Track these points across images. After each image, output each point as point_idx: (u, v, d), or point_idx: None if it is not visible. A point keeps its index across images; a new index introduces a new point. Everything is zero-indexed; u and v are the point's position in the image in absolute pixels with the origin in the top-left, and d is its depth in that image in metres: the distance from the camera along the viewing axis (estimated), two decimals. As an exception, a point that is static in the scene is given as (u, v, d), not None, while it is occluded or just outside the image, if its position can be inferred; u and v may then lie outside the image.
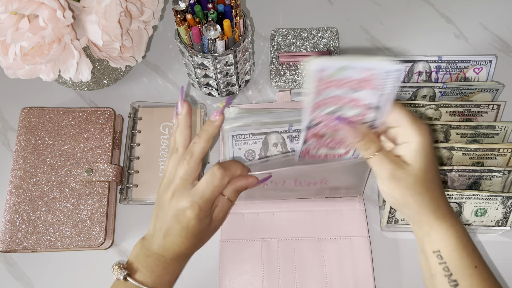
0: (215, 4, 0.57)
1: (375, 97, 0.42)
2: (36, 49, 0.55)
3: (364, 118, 0.45)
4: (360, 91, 0.42)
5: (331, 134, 0.47)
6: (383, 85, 0.41)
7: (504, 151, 0.59)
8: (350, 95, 0.43)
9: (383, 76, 0.40)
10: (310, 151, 0.50)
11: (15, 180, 0.63)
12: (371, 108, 0.43)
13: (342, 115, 0.45)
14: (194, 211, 0.47)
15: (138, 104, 0.69)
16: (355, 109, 0.44)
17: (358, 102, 0.43)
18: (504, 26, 0.75)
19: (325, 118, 0.45)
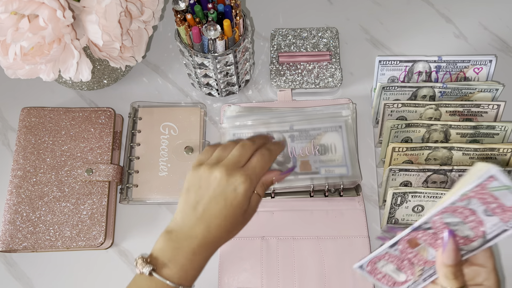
0: (215, 4, 0.57)
1: (495, 228, 0.42)
2: (36, 49, 0.55)
3: (468, 245, 0.43)
4: (491, 216, 0.42)
5: (421, 248, 0.45)
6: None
7: (504, 151, 0.60)
8: (480, 216, 0.42)
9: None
10: (376, 262, 0.47)
11: (15, 180, 0.63)
12: (483, 237, 0.43)
13: (455, 231, 0.43)
14: (245, 185, 0.49)
15: (138, 104, 0.69)
16: (470, 231, 0.43)
17: (479, 226, 0.42)
18: (504, 26, 0.75)
19: (439, 227, 0.43)
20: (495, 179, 0.39)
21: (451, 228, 0.43)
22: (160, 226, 0.65)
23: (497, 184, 0.39)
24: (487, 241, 0.43)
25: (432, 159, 0.61)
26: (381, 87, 0.63)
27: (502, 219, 0.41)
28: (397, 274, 0.47)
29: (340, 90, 0.71)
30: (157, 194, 0.65)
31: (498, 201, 0.40)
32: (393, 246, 0.45)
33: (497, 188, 0.40)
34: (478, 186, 0.40)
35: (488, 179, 0.39)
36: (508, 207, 0.40)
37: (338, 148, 0.64)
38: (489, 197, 0.40)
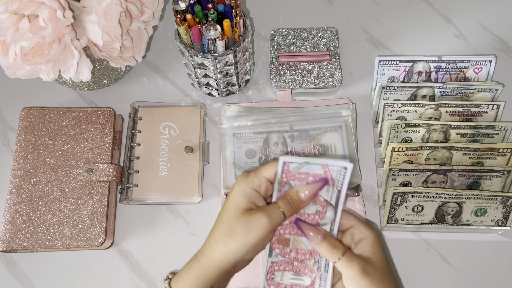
0: (215, 4, 0.57)
1: (331, 194, 0.46)
2: (36, 49, 0.55)
3: (324, 218, 0.46)
4: None
5: (294, 241, 0.47)
6: (336, 181, 0.45)
7: (504, 151, 0.60)
8: None
9: (336, 173, 0.45)
10: (274, 276, 0.48)
11: (15, 180, 0.63)
12: (329, 205, 0.46)
13: (304, 212, 0.47)
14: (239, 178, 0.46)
15: (138, 104, 0.69)
16: (315, 206, 0.47)
17: (317, 198, 0.47)
18: (504, 26, 0.75)
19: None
20: (290, 162, 0.46)
21: (296, 217, 0.47)
22: (160, 226, 0.65)
23: (295, 165, 0.46)
24: (335, 206, 0.46)
25: (432, 159, 0.61)
26: (381, 87, 0.63)
27: (328, 184, 0.46)
28: (301, 279, 0.48)
29: (340, 90, 0.71)
30: (157, 194, 0.65)
31: (310, 174, 0.46)
32: (270, 253, 0.48)
33: (298, 167, 0.46)
34: (282, 173, 0.46)
35: (285, 164, 0.46)
36: (322, 174, 0.46)
37: (338, 148, 0.64)
38: (300, 175, 0.46)
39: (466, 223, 0.60)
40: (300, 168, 0.46)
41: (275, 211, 0.45)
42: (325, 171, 0.46)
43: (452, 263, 0.62)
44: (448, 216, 0.60)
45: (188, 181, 0.65)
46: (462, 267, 0.62)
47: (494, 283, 0.61)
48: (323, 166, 0.45)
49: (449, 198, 0.58)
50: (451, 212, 0.59)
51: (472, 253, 0.63)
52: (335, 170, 0.45)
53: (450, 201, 0.58)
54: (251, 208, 0.45)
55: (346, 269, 0.45)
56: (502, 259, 0.62)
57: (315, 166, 0.46)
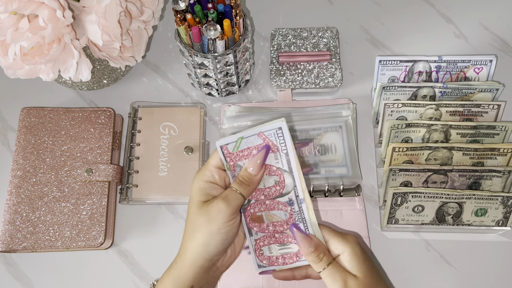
0: (215, 4, 0.57)
1: (280, 160, 0.46)
2: (36, 49, 0.55)
3: (285, 186, 0.47)
4: None
5: (268, 217, 0.48)
6: (279, 144, 0.45)
7: (504, 151, 0.59)
8: None
9: (274, 136, 0.45)
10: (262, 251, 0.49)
11: (15, 180, 0.63)
12: (284, 172, 0.46)
13: (264, 186, 0.47)
14: (194, 176, 0.46)
15: (138, 104, 0.69)
16: (273, 177, 0.47)
17: (270, 169, 0.47)
18: (504, 26, 0.75)
19: (253, 194, 0.48)
20: (226, 144, 0.46)
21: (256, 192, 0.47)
22: (160, 226, 0.65)
23: (232, 145, 0.46)
24: (290, 171, 0.46)
25: (432, 159, 0.61)
26: (381, 87, 0.63)
27: (273, 151, 0.46)
28: (288, 247, 0.49)
29: (340, 90, 0.71)
30: (157, 194, 0.64)
31: (251, 147, 0.46)
32: (250, 232, 0.49)
33: (236, 146, 0.46)
34: (225, 157, 0.46)
35: (223, 148, 0.46)
36: (262, 143, 0.46)
37: (338, 148, 0.64)
38: (242, 153, 0.46)
39: (466, 223, 0.60)
40: (238, 146, 0.46)
41: (231, 194, 0.46)
42: (263, 138, 0.45)
43: (452, 263, 0.62)
44: (448, 216, 0.59)
45: (188, 181, 0.65)
46: (462, 267, 0.62)
47: (494, 283, 0.61)
48: (259, 135, 0.45)
49: (450, 198, 0.58)
50: (452, 212, 0.59)
51: (472, 253, 0.63)
52: (272, 135, 0.45)
53: (451, 201, 0.58)
54: (208, 199, 0.46)
55: (330, 281, 0.45)
56: (502, 260, 0.62)
57: (252, 138, 0.46)
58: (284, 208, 0.47)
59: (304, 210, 0.47)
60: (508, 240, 0.63)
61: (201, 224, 0.45)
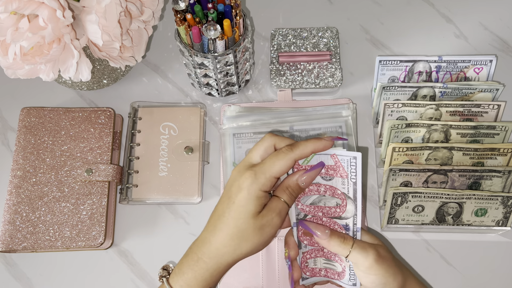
0: (215, 4, 0.57)
1: (347, 187, 0.46)
2: (36, 49, 0.55)
3: (345, 211, 0.47)
4: (332, 179, 0.47)
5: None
6: (349, 172, 0.45)
7: (504, 151, 0.59)
8: (325, 183, 0.47)
9: (347, 163, 0.45)
10: (307, 263, 0.50)
11: (15, 180, 0.63)
12: (348, 199, 0.46)
13: (324, 205, 0.48)
14: (248, 180, 0.43)
15: (138, 104, 0.69)
16: (336, 199, 0.47)
17: (334, 191, 0.47)
18: (504, 26, 0.75)
19: (311, 210, 0.48)
20: None
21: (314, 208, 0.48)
22: (160, 226, 0.65)
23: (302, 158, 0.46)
24: (354, 200, 0.46)
25: (432, 159, 0.61)
26: (381, 87, 0.63)
27: (342, 176, 0.46)
28: (333, 265, 0.49)
29: (340, 90, 0.71)
30: (157, 194, 0.64)
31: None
32: (300, 245, 0.49)
33: (307, 160, 0.46)
34: (294, 167, 0.46)
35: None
36: (333, 165, 0.45)
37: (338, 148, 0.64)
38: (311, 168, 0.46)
39: (466, 224, 0.60)
40: (309, 160, 0.46)
41: (283, 208, 0.45)
42: (335, 161, 0.45)
43: (452, 264, 0.62)
44: (448, 217, 0.59)
45: (188, 181, 0.65)
46: (462, 267, 0.62)
47: (494, 283, 0.61)
48: (333, 156, 0.45)
49: (450, 198, 0.58)
50: (452, 212, 0.59)
51: (472, 253, 0.63)
52: (345, 161, 0.45)
53: (451, 201, 0.58)
54: (261, 209, 0.45)
55: (360, 258, 0.44)
56: (502, 260, 0.62)
57: (325, 157, 0.46)
58: (339, 229, 0.47)
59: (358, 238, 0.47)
60: (508, 240, 0.63)
61: (253, 236, 0.44)
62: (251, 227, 0.44)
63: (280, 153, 0.44)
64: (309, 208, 0.48)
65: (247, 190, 0.44)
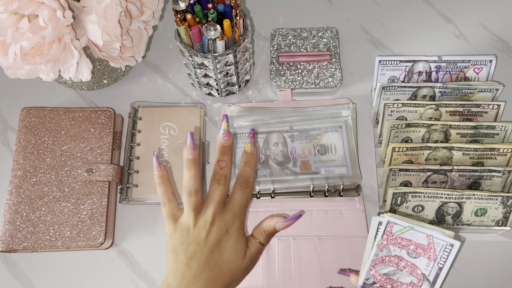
0: (215, 4, 0.57)
1: (430, 269, 0.45)
2: (36, 49, 0.55)
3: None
4: (417, 257, 0.45)
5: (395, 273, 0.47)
6: (439, 257, 0.44)
7: (504, 151, 0.59)
8: (409, 259, 0.46)
9: (441, 247, 0.44)
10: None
11: (15, 180, 0.63)
12: (425, 280, 0.45)
13: (398, 279, 0.46)
14: (236, 224, 0.47)
15: (138, 104, 0.69)
16: (412, 277, 0.46)
17: (414, 269, 0.46)
18: (504, 26, 0.75)
19: (381, 279, 0.47)
20: (394, 223, 0.45)
21: (386, 279, 0.46)
22: (160, 226, 0.65)
23: (398, 227, 0.45)
24: (432, 283, 0.45)
25: (432, 159, 0.61)
26: (381, 87, 0.63)
27: (429, 258, 0.45)
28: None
29: (340, 90, 0.71)
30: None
31: (413, 242, 0.45)
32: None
33: (401, 231, 0.45)
34: (384, 234, 0.46)
35: (389, 225, 0.46)
36: (425, 245, 0.44)
37: (338, 148, 0.64)
38: (401, 241, 0.46)
39: (466, 223, 0.60)
40: (404, 233, 0.45)
41: (259, 249, 0.49)
42: (429, 242, 0.45)
43: (452, 263, 0.62)
44: (448, 216, 0.59)
45: (188, 181, 0.65)
46: (462, 267, 0.62)
47: (494, 284, 0.61)
48: (428, 237, 0.45)
49: (449, 198, 0.58)
50: (451, 212, 0.59)
51: (472, 253, 0.63)
52: (439, 244, 0.44)
53: (450, 201, 0.58)
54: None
55: None
56: (502, 260, 0.62)
57: (419, 234, 0.45)
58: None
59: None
60: (508, 240, 0.63)
61: (240, 277, 0.48)
62: (241, 269, 0.48)
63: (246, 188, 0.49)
64: (380, 277, 0.47)
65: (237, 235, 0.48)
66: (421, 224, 0.45)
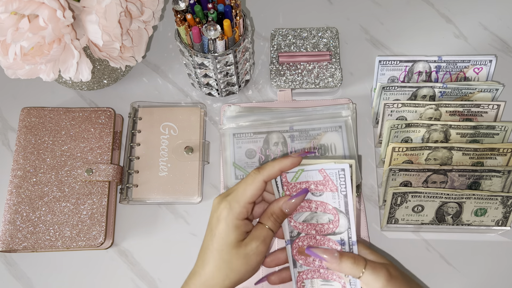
0: (215, 4, 0.57)
1: (338, 200, 0.45)
2: (36, 49, 0.55)
3: (338, 226, 0.46)
4: (322, 194, 0.46)
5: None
6: (339, 185, 0.45)
7: (504, 151, 0.59)
8: (316, 199, 0.46)
9: (335, 176, 0.44)
10: (304, 284, 0.48)
11: (15, 180, 0.63)
12: (340, 213, 0.46)
13: (317, 222, 0.47)
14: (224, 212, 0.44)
15: (138, 104, 0.69)
16: (328, 215, 0.46)
17: (325, 207, 0.46)
18: (504, 26, 0.75)
19: (304, 228, 0.47)
20: (286, 173, 0.46)
21: (307, 226, 0.47)
22: (160, 226, 0.65)
23: (291, 174, 0.46)
24: (346, 213, 0.45)
25: (432, 159, 0.61)
26: (381, 87, 0.63)
27: (332, 190, 0.45)
28: (331, 285, 0.47)
29: (340, 90, 0.71)
30: (157, 194, 0.65)
31: (310, 181, 0.46)
32: (295, 264, 0.48)
33: (295, 177, 0.46)
34: (281, 185, 0.47)
35: (282, 176, 0.47)
36: (322, 180, 0.45)
37: (338, 148, 0.64)
38: (300, 185, 0.46)
39: (466, 223, 0.60)
40: (298, 177, 0.46)
41: (268, 236, 0.46)
42: (323, 176, 0.45)
43: (452, 263, 0.62)
44: (448, 216, 0.60)
45: (188, 181, 0.65)
46: (462, 267, 0.62)
47: (494, 283, 0.61)
48: (320, 171, 0.45)
49: (449, 198, 0.58)
50: (451, 212, 0.59)
51: (472, 253, 0.63)
52: (333, 174, 0.45)
53: (450, 201, 0.58)
54: (243, 237, 0.45)
55: (373, 280, 0.43)
56: (502, 259, 0.62)
57: (313, 172, 0.45)
58: (334, 246, 0.46)
59: (355, 252, 0.46)
60: (508, 240, 0.63)
61: (238, 266, 0.44)
62: (235, 257, 0.44)
63: (248, 178, 0.45)
64: (302, 226, 0.47)
65: (225, 221, 0.44)
66: (309, 162, 0.45)
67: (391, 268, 0.44)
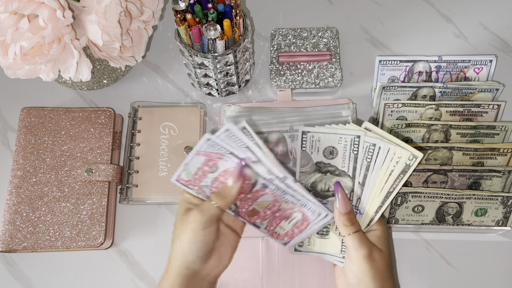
0: (215, 4, 0.57)
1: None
2: (36, 49, 0.55)
3: (256, 174, 0.50)
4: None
5: (259, 205, 0.51)
6: (223, 149, 0.48)
7: (504, 151, 0.59)
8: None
9: (211, 147, 0.48)
10: (277, 232, 0.53)
11: (15, 180, 0.63)
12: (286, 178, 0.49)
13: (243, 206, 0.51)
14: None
15: (138, 104, 0.69)
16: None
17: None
18: (504, 26, 0.75)
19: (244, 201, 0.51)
20: (179, 176, 0.50)
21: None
22: (160, 226, 0.65)
23: (183, 174, 0.50)
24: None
25: (432, 159, 0.61)
26: (381, 87, 0.63)
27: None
28: (294, 218, 0.52)
29: (340, 90, 0.71)
30: (157, 194, 0.64)
31: (201, 167, 0.49)
32: (257, 226, 0.53)
33: (187, 173, 0.49)
34: (185, 187, 0.51)
35: (180, 180, 0.50)
36: (206, 160, 0.49)
37: (338, 148, 0.64)
38: (197, 174, 0.50)
39: (466, 223, 0.60)
40: (189, 171, 0.49)
41: (205, 204, 0.49)
42: (203, 154, 0.49)
43: (452, 263, 0.62)
44: (448, 216, 0.59)
45: (188, 181, 0.65)
46: (462, 267, 0.62)
47: (494, 283, 0.61)
48: (198, 154, 0.49)
49: (450, 198, 0.58)
50: (452, 212, 0.59)
51: (472, 253, 0.63)
52: (208, 147, 0.48)
53: (451, 201, 0.58)
54: (189, 208, 0.49)
55: (354, 248, 0.47)
56: (502, 259, 0.62)
57: (195, 159, 0.49)
58: (263, 192, 0.50)
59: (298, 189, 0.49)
60: (508, 240, 0.63)
61: (180, 232, 0.48)
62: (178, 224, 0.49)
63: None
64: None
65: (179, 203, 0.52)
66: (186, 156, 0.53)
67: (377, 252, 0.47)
